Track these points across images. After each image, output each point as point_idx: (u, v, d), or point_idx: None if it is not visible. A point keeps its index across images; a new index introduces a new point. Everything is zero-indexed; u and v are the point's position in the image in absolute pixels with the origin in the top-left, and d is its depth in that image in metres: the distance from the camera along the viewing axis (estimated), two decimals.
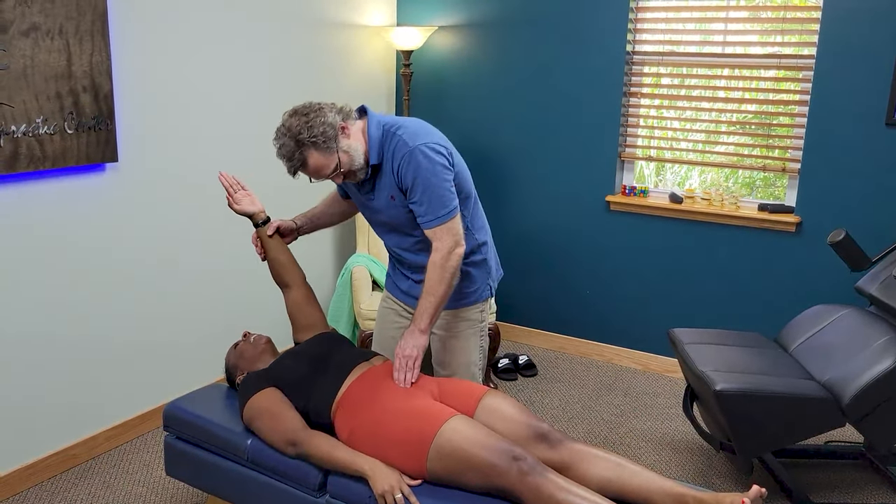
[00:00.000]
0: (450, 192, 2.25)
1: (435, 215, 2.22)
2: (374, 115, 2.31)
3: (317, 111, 2.19)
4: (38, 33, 2.63)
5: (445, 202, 2.23)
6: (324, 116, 2.17)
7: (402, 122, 2.29)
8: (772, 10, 3.61)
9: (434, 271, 2.24)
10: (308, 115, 2.17)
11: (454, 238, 2.25)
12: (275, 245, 2.54)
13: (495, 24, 4.19)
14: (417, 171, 2.20)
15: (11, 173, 2.63)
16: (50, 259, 2.84)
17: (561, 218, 4.20)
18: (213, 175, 3.40)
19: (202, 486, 2.47)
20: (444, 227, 2.23)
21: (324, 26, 3.97)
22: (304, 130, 2.15)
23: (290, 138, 2.16)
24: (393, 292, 2.57)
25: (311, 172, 2.23)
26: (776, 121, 3.71)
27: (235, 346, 2.55)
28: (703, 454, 3.24)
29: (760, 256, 3.72)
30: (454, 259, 2.25)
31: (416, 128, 2.28)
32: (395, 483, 1.99)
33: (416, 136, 2.24)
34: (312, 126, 2.15)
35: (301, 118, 2.17)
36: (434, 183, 2.21)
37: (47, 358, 2.89)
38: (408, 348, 2.24)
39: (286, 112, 2.23)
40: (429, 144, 2.23)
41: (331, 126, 2.17)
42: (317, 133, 2.15)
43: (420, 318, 2.26)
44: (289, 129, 2.17)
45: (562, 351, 4.33)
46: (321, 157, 2.18)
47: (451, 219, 2.24)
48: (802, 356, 2.89)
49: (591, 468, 2.05)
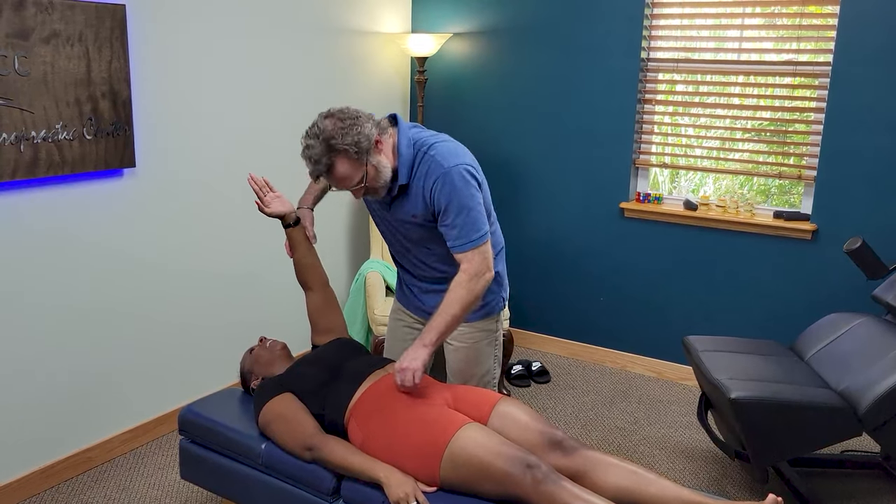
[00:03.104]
0: (482, 215, 2.21)
1: (468, 239, 2.18)
2: (404, 129, 2.24)
3: (354, 119, 2.12)
4: (59, 40, 2.66)
5: (479, 226, 2.18)
6: (361, 126, 2.10)
7: (433, 141, 2.23)
8: (787, 16, 3.60)
9: (456, 291, 2.18)
10: (345, 121, 2.10)
11: (485, 263, 2.20)
12: (303, 246, 2.55)
13: (509, 30, 4.20)
14: (452, 193, 2.15)
15: (31, 178, 2.66)
16: (68, 263, 2.87)
17: (575, 224, 4.19)
18: (230, 179, 3.42)
19: (216, 489, 2.48)
20: (477, 250, 2.18)
21: (340, 34, 3.99)
22: (337, 135, 2.08)
23: (322, 141, 2.09)
24: (403, 303, 2.57)
25: (335, 180, 2.16)
26: (792, 128, 3.70)
27: (251, 350, 2.56)
28: (717, 462, 3.22)
29: (776, 264, 3.70)
30: (481, 283, 2.19)
31: (449, 148, 2.22)
32: (410, 490, 1.99)
33: (449, 156, 2.18)
34: (347, 133, 2.08)
35: (337, 122, 2.10)
36: (469, 206, 2.17)
37: (64, 361, 2.91)
38: (405, 360, 2.18)
39: (321, 113, 2.16)
40: (464, 166, 2.19)
41: (366, 138, 2.11)
42: (350, 141, 2.08)
43: (428, 332, 2.19)
44: (322, 130, 2.10)
45: (575, 358, 4.32)
46: (349, 166, 2.12)
47: (483, 243, 2.19)
48: (818, 364, 2.87)
49: (605, 476, 2.04)
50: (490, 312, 2.45)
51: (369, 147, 2.12)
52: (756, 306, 3.78)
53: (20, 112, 2.57)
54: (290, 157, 3.72)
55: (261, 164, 3.58)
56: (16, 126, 2.57)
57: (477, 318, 2.42)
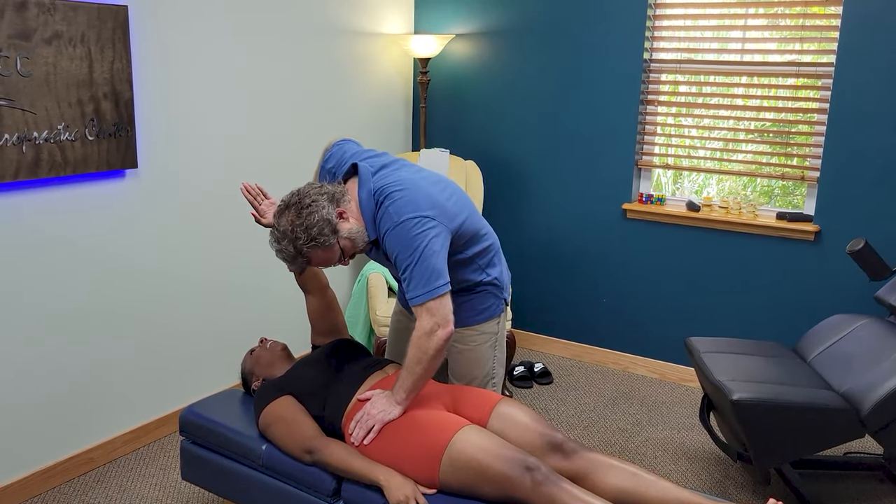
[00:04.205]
0: (436, 269, 2.06)
1: (416, 293, 2.06)
2: (364, 179, 2.16)
3: (309, 206, 2.06)
4: (61, 41, 2.67)
5: (430, 280, 2.05)
6: (318, 211, 2.06)
7: (392, 190, 2.11)
8: (791, 17, 3.59)
9: (412, 350, 2.10)
10: (301, 214, 2.06)
11: (434, 320, 2.06)
12: None
13: (512, 31, 4.19)
14: (400, 245, 2.07)
15: (33, 179, 2.66)
16: (70, 264, 2.87)
17: (577, 225, 4.19)
18: (232, 181, 3.42)
19: (217, 490, 2.48)
20: (426, 306, 2.06)
21: (342, 35, 3.99)
22: (300, 234, 2.05)
23: (289, 243, 2.07)
24: (404, 305, 2.56)
25: (317, 265, 2.19)
26: (795, 129, 3.69)
27: (251, 352, 2.57)
28: (719, 464, 3.21)
29: (779, 265, 3.69)
30: (434, 342, 2.07)
31: (405, 197, 2.10)
32: (410, 493, 1.99)
33: (402, 208, 2.08)
34: (309, 227, 2.05)
35: (294, 218, 2.06)
36: (417, 259, 2.05)
37: (66, 362, 2.92)
38: (377, 408, 2.13)
39: (277, 209, 2.14)
40: (415, 217, 2.06)
41: (326, 222, 2.06)
42: (314, 234, 2.05)
43: (398, 390, 2.13)
44: (285, 233, 2.08)
45: (577, 359, 4.32)
46: (323, 253, 2.11)
47: (435, 297, 2.05)
48: (821, 366, 2.86)
49: (606, 478, 2.04)
50: (490, 316, 2.42)
51: (334, 228, 2.08)
52: (759, 307, 3.77)
53: (22, 113, 2.58)
54: (292, 158, 3.73)
55: (263, 164, 3.58)
56: (18, 127, 2.57)
57: (477, 322, 2.40)
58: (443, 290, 2.06)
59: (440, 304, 2.06)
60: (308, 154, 3.78)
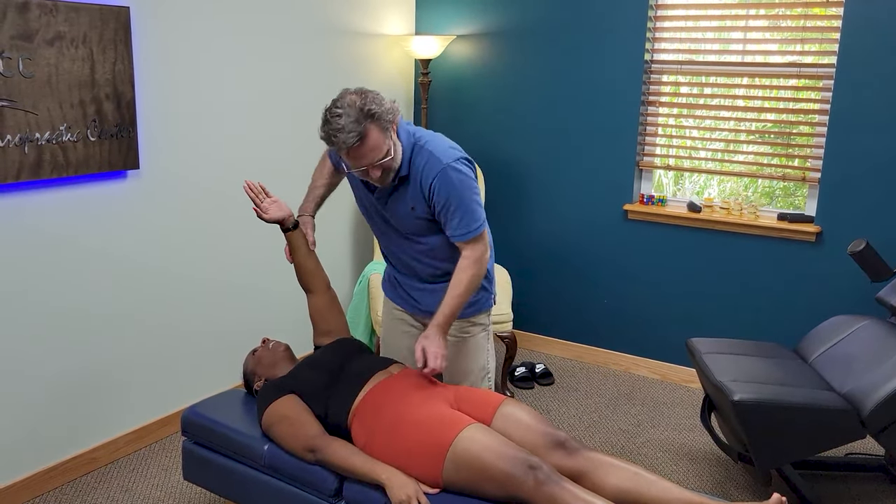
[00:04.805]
0: (479, 204, 2.29)
1: (468, 229, 2.26)
2: (401, 121, 2.26)
3: (376, 94, 2.13)
4: (63, 42, 2.67)
5: (477, 216, 2.27)
6: (386, 102, 2.12)
7: (425, 135, 2.28)
8: (791, 18, 3.60)
9: (464, 272, 2.27)
10: (372, 93, 2.11)
11: (485, 245, 2.31)
12: (302, 250, 2.56)
13: (513, 32, 4.20)
14: (452, 188, 2.21)
15: (35, 180, 2.67)
16: (72, 265, 2.88)
17: (578, 226, 4.19)
18: (233, 181, 3.43)
19: (219, 491, 2.48)
20: (478, 237, 2.28)
21: (344, 36, 4.00)
22: (372, 104, 2.07)
23: (357, 109, 2.06)
24: (391, 298, 2.60)
25: (366, 151, 2.10)
26: (796, 130, 3.69)
27: (254, 352, 2.57)
28: (720, 465, 3.22)
29: (780, 266, 3.69)
30: (484, 264, 2.30)
31: (443, 142, 2.28)
32: (412, 492, 1.99)
33: (446, 151, 2.24)
34: (382, 102, 2.10)
35: (365, 95, 2.10)
36: (468, 198, 2.24)
37: (68, 362, 2.92)
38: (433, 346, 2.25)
39: (344, 91, 2.14)
40: (460, 160, 2.25)
41: (391, 112, 2.13)
42: (384, 109, 2.10)
43: (440, 314, 2.28)
44: (352, 103, 2.07)
45: (579, 360, 4.32)
46: (380, 136, 2.10)
47: (483, 230, 2.30)
48: (822, 367, 2.86)
49: (607, 477, 2.04)
50: (480, 309, 2.51)
51: (393, 121, 2.15)
52: (760, 308, 3.77)
53: (24, 114, 2.58)
54: (293, 159, 3.73)
55: (265, 165, 3.59)
56: (20, 128, 2.58)
57: (468, 314, 2.47)
58: (485, 223, 2.33)
59: (486, 233, 2.33)
60: (308, 155, 3.77)
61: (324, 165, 2.63)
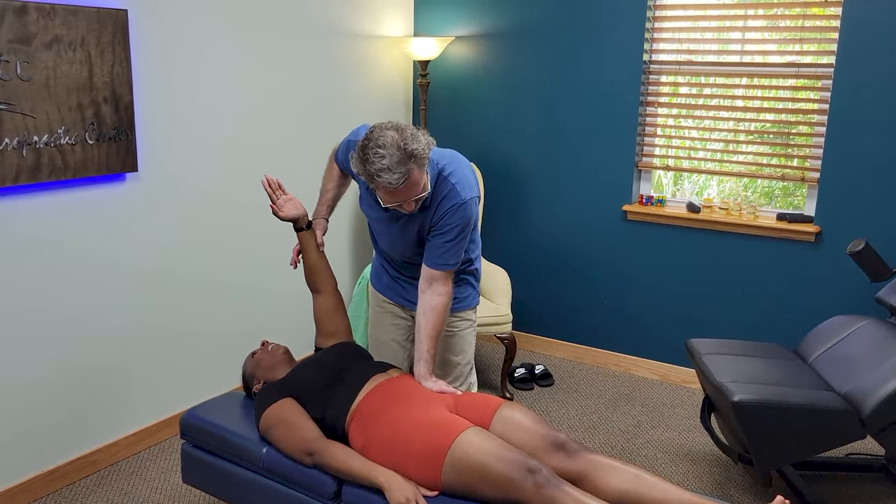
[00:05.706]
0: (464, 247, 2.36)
1: (447, 262, 2.32)
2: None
3: (411, 129, 2.11)
4: (61, 45, 2.67)
5: (460, 256, 2.35)
6: (422, 138, 2.11)
7: (450, 166, 2.28)
8: (790, 18, 3.59)
9: (438, 315, 2.34)
10: (408, 130, 2.10)
11: (451, 284, 2.38)
12: (313, 250, 2.57)
13: (511, 34, 4.20)
14: (460, 222, 2.27)
15: (34, 183, 2.66)
16: (70, 268, 2.87)
17: (577, 227, 4.19)
18: (232, 184, 3.43)
19: (218, 493, 2.48)
20: (449, 273, 2.35)
21: (342, 37, 3.99)
22: (413, 143, 2.06)
23: (400, 151, 2.05)
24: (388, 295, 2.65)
25: (406, 190, 2.11)
26: (795, 130, 3.69)
27: (253, 354, 2.57)
28: (721, 466, 3.21)
29: (779, 266, 3.69)
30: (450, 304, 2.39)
31: (466, 176, 2.30)
32: (411, 496, 1.99)
33: (468, 188, 2.28)
34: (419, 139, 2.09)
35: (404, 132, 2.09)
36: (465, 237, 2.32)
37: (67, 365, 2.92)
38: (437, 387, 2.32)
39: (377, 126, 2.12)
40: (475, 198, 2.31)
41: (427, 147, 2.13)
42: (422, 147, 2.09)
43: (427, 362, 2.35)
44: (393, 142, 2.05)
45: (578, 361, 4.31)
46: (420, 174, 2.12)
47: (454, 268, 2.37)
48: (822, 367, 2.86)
49: (608, 479, 2.04)
50: (468, 305, 2.59)
51: (427, 156, 2.14)
52: (759, 309, 3.77)
53: (22, 117, 2.58)
54: (292, 161, 3.73)
55: (263, 167, 3.58)
56: (18, 131, 2.58)
57: (456, 310, 2.55)
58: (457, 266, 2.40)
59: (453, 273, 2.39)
60: (308, 156, 3.78)
61: (332, 170, 2.68)
